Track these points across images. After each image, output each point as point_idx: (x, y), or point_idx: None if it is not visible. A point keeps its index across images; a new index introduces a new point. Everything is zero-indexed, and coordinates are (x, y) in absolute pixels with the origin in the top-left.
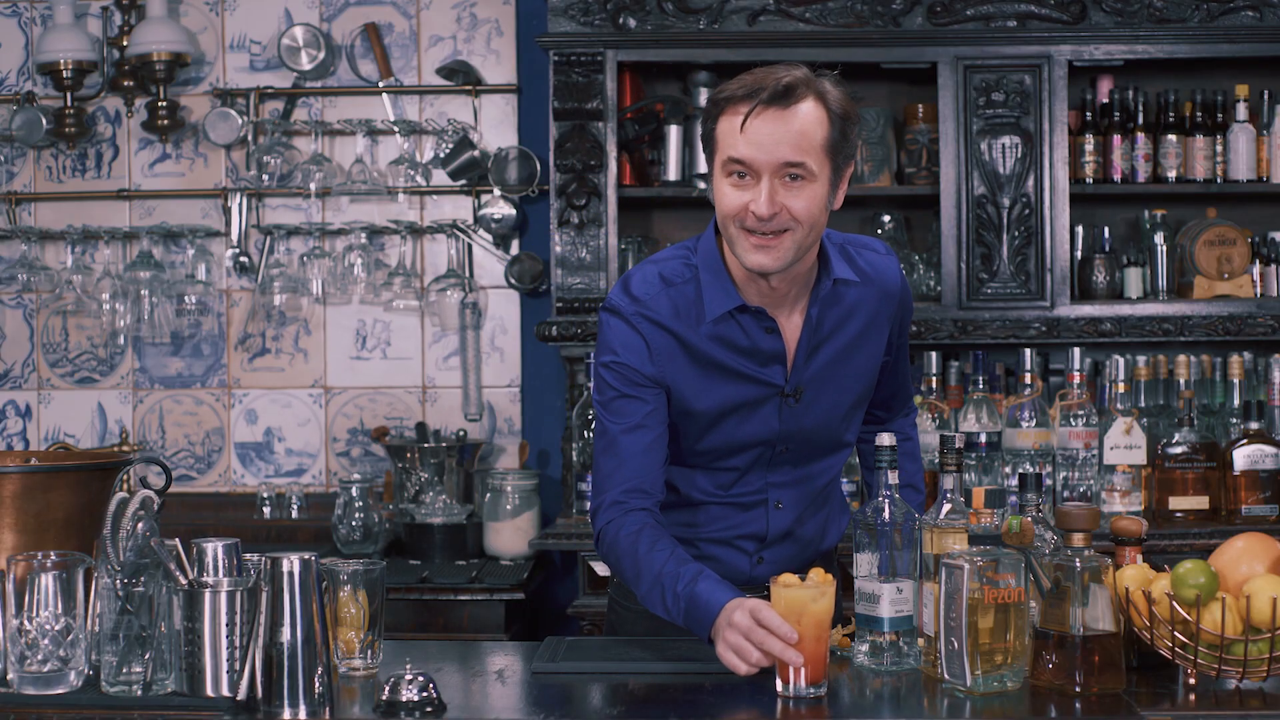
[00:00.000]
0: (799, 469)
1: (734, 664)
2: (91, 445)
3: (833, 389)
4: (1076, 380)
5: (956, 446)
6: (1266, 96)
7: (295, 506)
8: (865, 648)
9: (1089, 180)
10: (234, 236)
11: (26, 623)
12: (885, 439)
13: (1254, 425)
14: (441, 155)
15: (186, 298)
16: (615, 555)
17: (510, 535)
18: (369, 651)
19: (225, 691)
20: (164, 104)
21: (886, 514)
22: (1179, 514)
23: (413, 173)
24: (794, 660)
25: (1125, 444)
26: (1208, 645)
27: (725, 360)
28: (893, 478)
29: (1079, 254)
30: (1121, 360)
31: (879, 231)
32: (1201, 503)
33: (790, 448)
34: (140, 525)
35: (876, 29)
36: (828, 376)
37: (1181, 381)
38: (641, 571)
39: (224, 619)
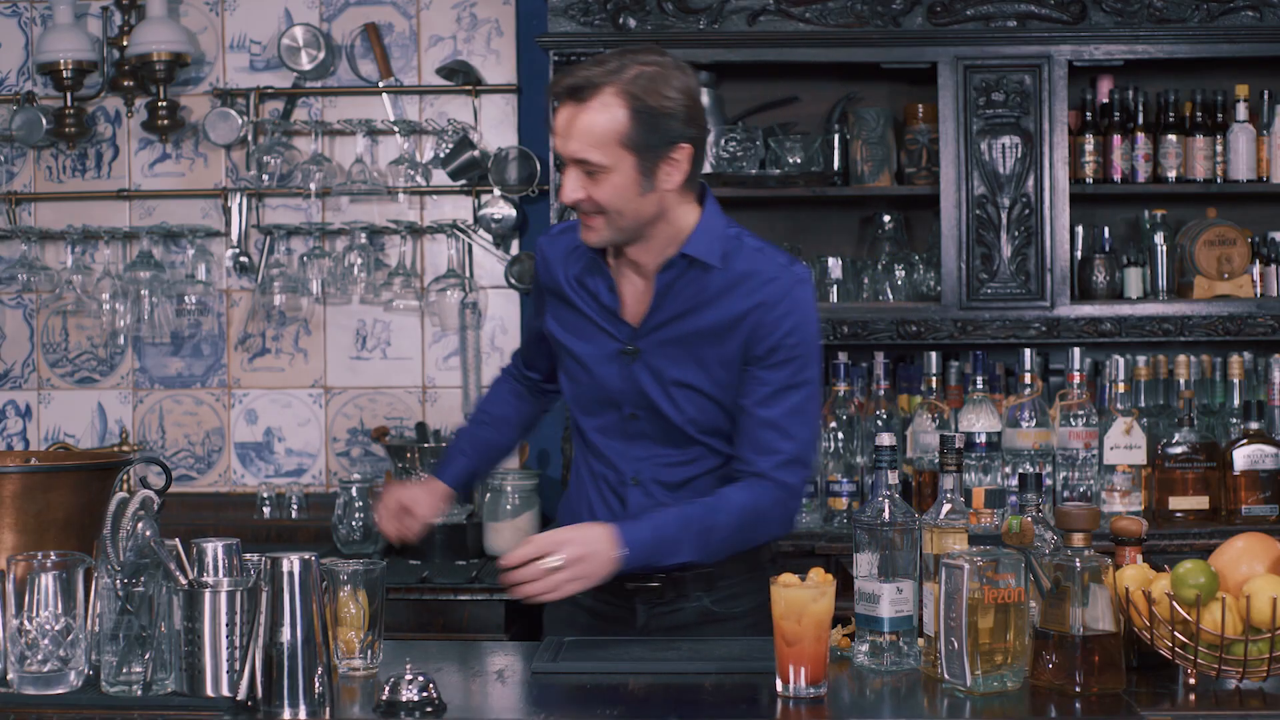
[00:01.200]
0: (656, 449)
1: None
2: (91, 445)
3: (674, 364)
4: (1076, 380)
5: (956, 446)
6: (1266, 96)
7: (295, 506)
8: (865, 648)
9: (1089, 180)
10: (234, 236)
11: (26, 623)
12: (885, 439)
13: (1254, 425)
14: (441, 155)
15: (186, 298)
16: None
17: (510, 535)
18: (369, 651)
19: (225, 691)
20: (164, 104)
21: (886, 514)
22: (1179, 514)
23: (413, 173)
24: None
25: (1125, 444)
26: (1208, 645)
27: (580, 303)
28: (892, 478)
29: (1079, 254)
30: (1121, 360)
31: (879, 231)
32: (1201, 503)
33: (640, 415)
34: (140, 525)
35: (876, 29)
36: (671, 351)
37: (1181, 381)
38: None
39: (224, 619)
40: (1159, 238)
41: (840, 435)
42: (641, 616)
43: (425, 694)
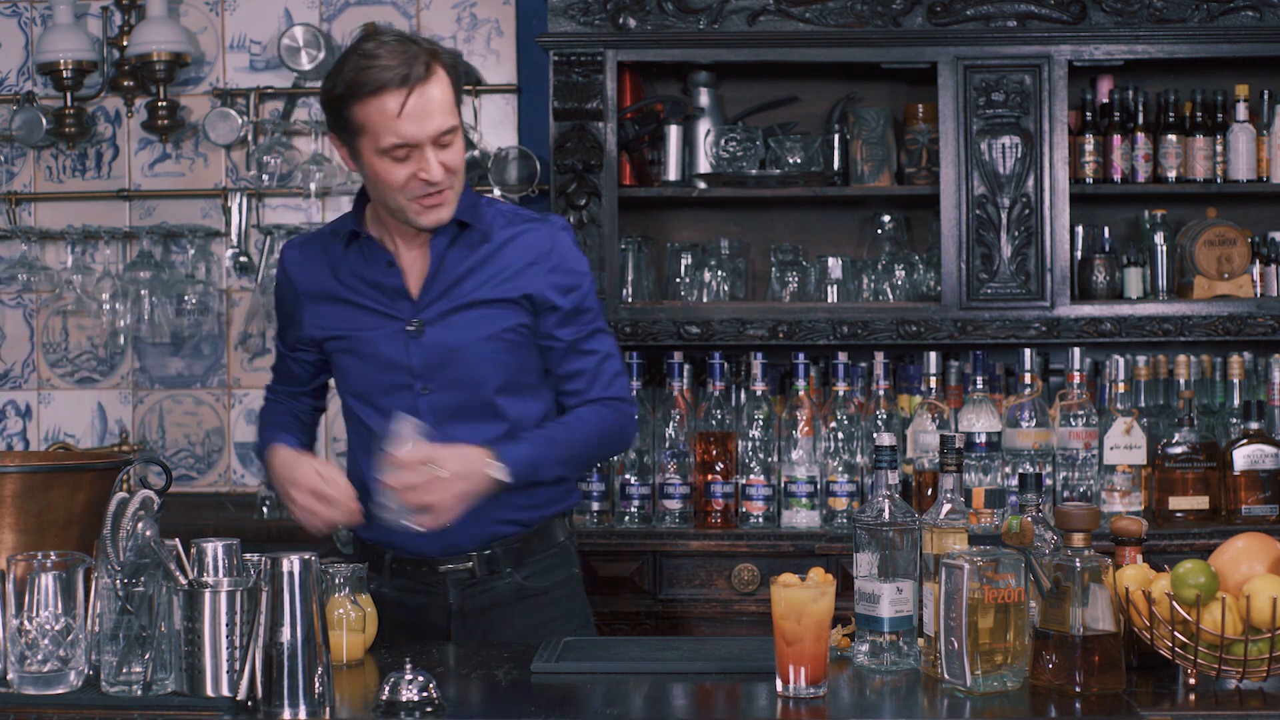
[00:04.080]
0: (453, 420)
1: (311, 523)
2: (91, 445)
3: (461, 330)
4: (1076, 380)
5: (956, 446)
6: (1266, 96)
7: None
8: (865, 648)
9: (1089, 180)
10: (234, 236)
11: (26, 623)
12: (885, 439)
13: (1254, 425)
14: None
15: (186, 298)
16: (258, 426)
17: None
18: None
19: (225, 691)
20: (164, 104)
21: (886, 514)
22: (1179, 514)
23: None
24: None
25: (1125, 444)
26: (1208, 645)
27: (351, 295)
28: (892, 478)
29: (1079, 254)
30: (1121, 360)
31: (879, 231)
32: (1201, 503)
33: (432, 389)
34: (140, 525)
35: (876, 29)
36: (456, 318)
37: (1181, 381)
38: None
39: (224, 619)
40: (1159, 238)
41: (840, 435)
42: (454, 599)
43: (425, 694)
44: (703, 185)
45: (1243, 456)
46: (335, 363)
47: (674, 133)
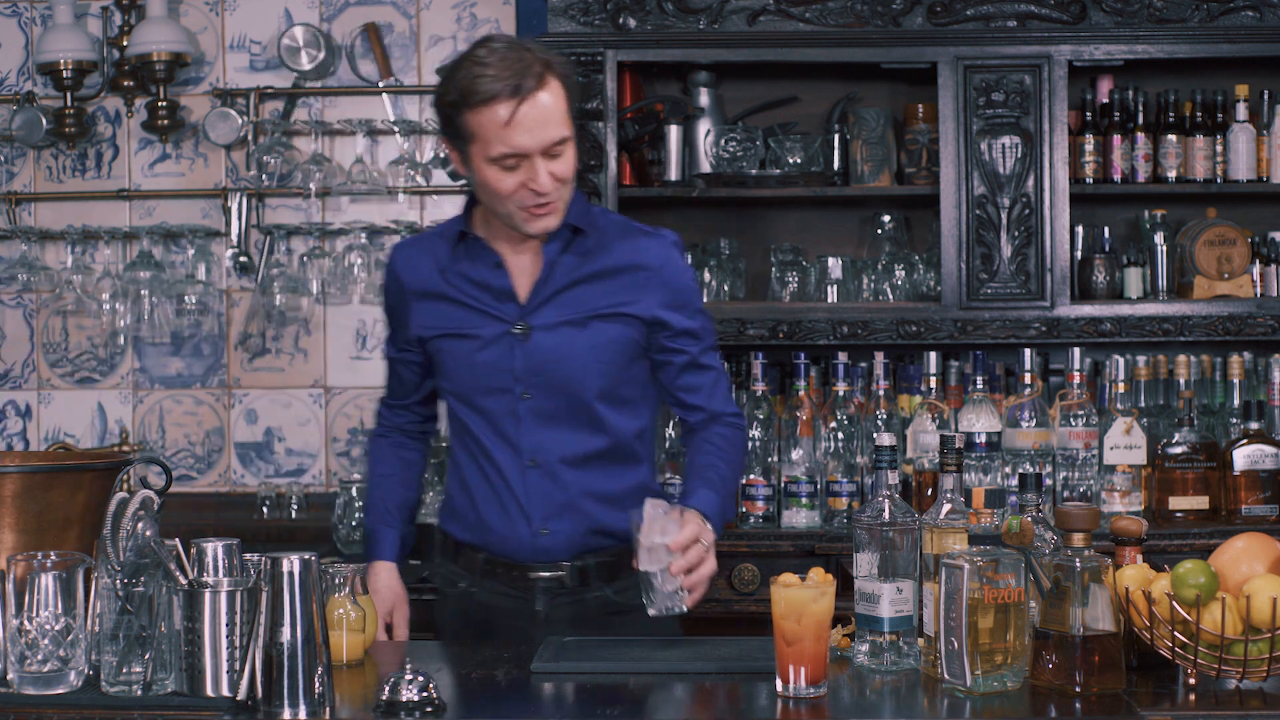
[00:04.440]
0: (553, 427)
1: None
2: (91, 445)
3: (567, 337)
4: (1076, 380)
5: (956, 446)
6: (1266, 96)
7: (295, 506)
8: (865, 648)
9: (1089, 180)
10: (234, 236)
11: (26, 623)
12: (885, 439)
13: (1254, 425)
14: (441, 155)
15: (186, 298)
16: (368, 465)
17: None
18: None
19: (225, 691)
20: (164, 104)
21: (886, 514)
22: (1179, 514)
23: (413, 173)
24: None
25: (1125, 444)
26: (1208, 645)
27: (458, 295)
28: (892, 478)
29: (1079, 254)
30: (1121, 360)
31: (879, 231)
32: (1201, 503)
33: (532, 394)
34: (140, 525)
35: (876, 29)
36: (563, 324)
37: (1181, 381)
38: (368, 497)
39: (224, 619)
40: (1159, 238)
41: (840, 435)
42: (543, 606)
43: (425, 694)
44: (703, 185)
45: (1243, 456)
46: (438, 363)
47: (674, 133)
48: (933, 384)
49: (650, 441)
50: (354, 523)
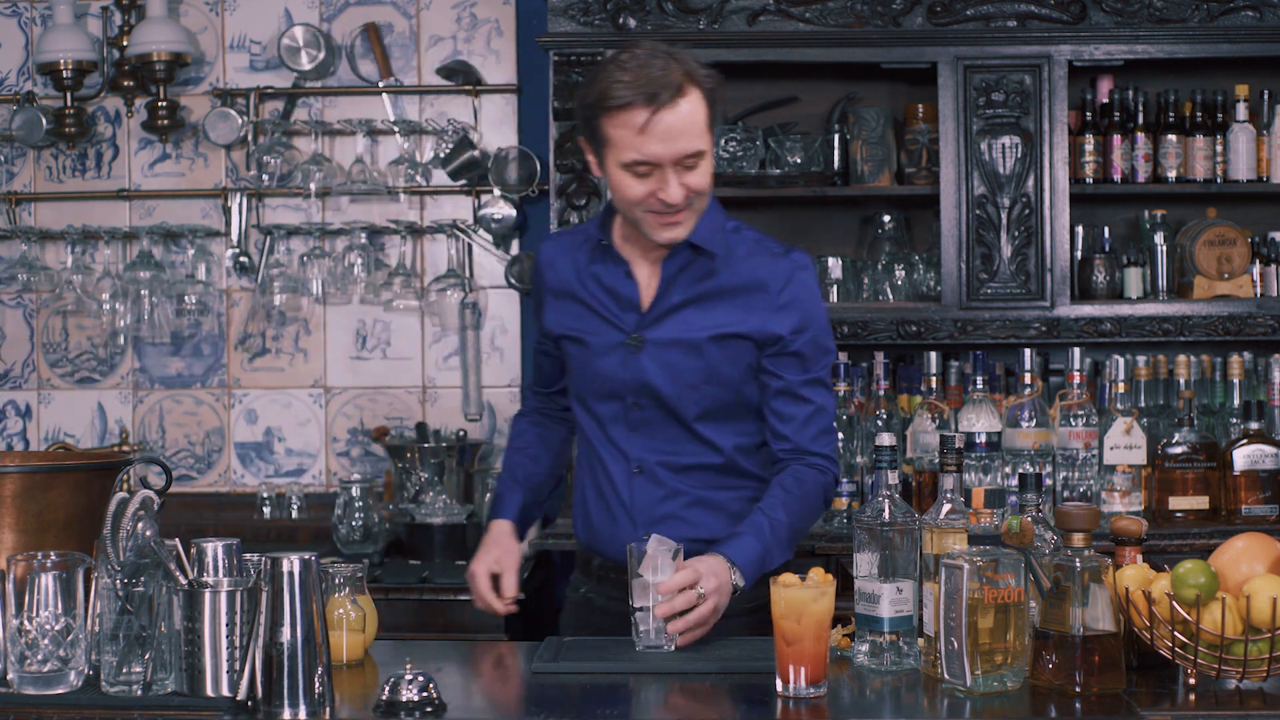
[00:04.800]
0: (660, 438)
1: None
2: (91, 445)
3: (678, 353)
4: (1076, 380)
5: (956, 446)
6: (1266, 96)
7: (295, 506)
8: (865, 648)
9: (1089, 180)
10: (234, 236)
11: (26, 623)
12: (885, 439)
13: (1254, 425)
14: (441, 155)
15: (186, 298)
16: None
17: None
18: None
19: (225, 691)
20: (164, 104)
21: (886, 514)
22: (1179, 514)
23: (413, 173)
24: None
25: (1125, 444)
26: (1208, 645)
27: (587, 297)
28: (892, 478)
29: (1079, 254)
30: (1121, 360)
31: (879, 231)
32: (1201, 503)
33: (643, 405)
34: (140, 525)
35: (876, 29)
36: (675, 340)
37: (1181, 381)
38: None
39: (224, 619)
40: (1159, 238)
41: (840, 435)
42: None
43: (425, 694)
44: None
45: (1243, 456)
46: (566, 362)
47: None
48: (933, 384)
49: (767, 457)
50: (354, 522)
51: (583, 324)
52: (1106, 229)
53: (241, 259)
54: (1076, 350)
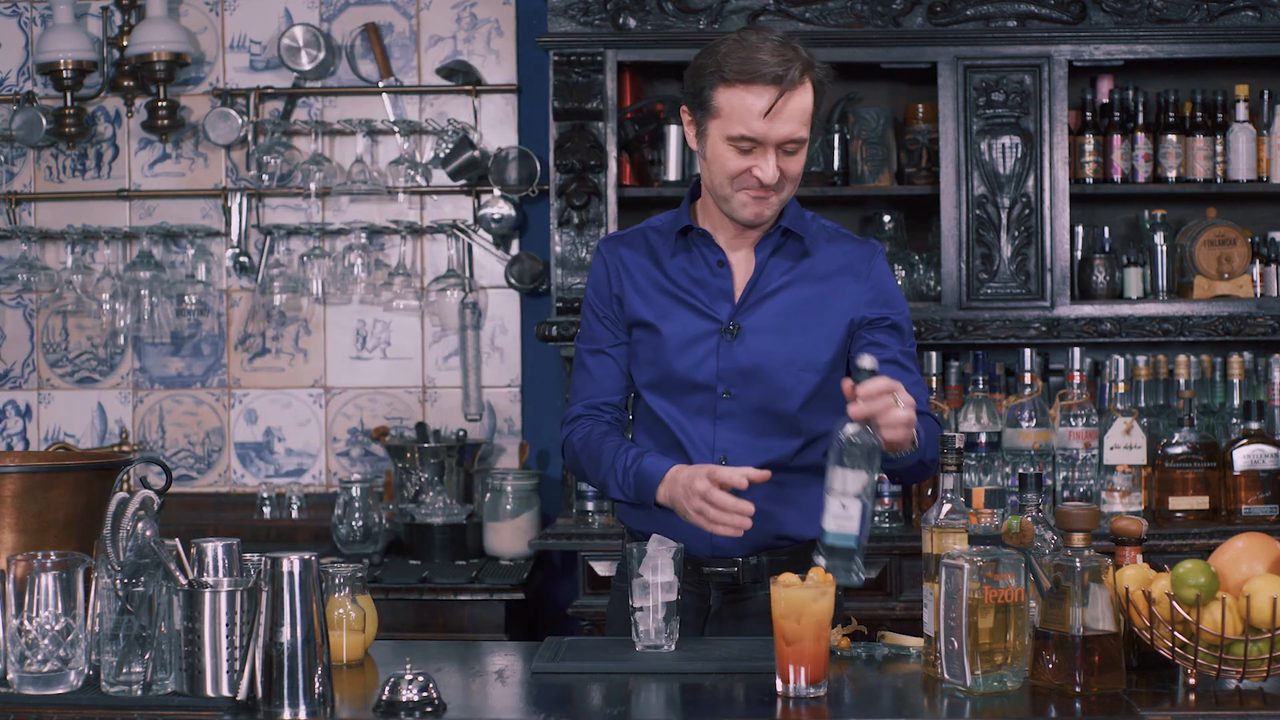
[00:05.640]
0: (749, 428)
1: (707, 525)
2: (91, 445)
3: (773, 339)
4: (1076, 380)
5: (956, 446)
6: (1266, 96)
7: (295, 506)
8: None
9: (1089, 180)
10: (234, 236)
11: (26, 623)
12: (866, 361)
13: (1254, 425)
14: (441, 155)
15: (186, 298)
16: (574, 454)
17: (510, 535)
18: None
19: (225, 691)
20: (164, 104)
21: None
22: (1179, 514)
23: (413, 173)
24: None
25: (1125, 444)
26: (1208, 645)
27: (673, 289)
28: None
29: (1079, 254)
30: (1121, 360)
31: (879, 231)
32: (1201, 503)
33: (734, 394)
34: (140, 525)
35: (876, 29)
36: (771, 326)
37: (1181, 381)
38: (599, 461)
39: (224, 619)
40: (1159, 238)
41: None
42: (715, 602)
43: (425, 694)
44: None
45: (1243, 456)
46: (638, 355)
47: (674, 133)
48: (933, 384)
49: None
50: (354, 522)
51: (670, 314)
52: (1106, 229)
53: (241, 259)
54: (1076, 350)
